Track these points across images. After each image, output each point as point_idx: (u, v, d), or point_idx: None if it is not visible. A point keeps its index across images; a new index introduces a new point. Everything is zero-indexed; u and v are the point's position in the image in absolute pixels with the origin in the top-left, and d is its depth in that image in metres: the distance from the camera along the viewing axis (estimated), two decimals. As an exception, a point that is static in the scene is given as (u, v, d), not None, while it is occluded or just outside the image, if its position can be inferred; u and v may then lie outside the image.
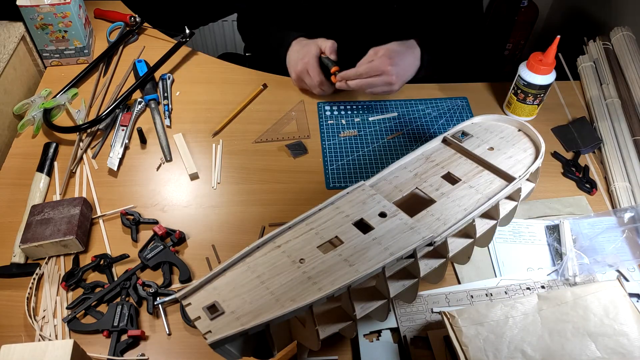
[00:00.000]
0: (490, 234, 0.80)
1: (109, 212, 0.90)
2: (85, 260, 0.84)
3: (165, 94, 1.11)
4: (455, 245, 0.75)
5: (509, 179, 0.77)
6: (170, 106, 1.09)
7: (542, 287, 0.80)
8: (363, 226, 0.69)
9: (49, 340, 0.74)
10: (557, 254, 0.84)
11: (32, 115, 1.04)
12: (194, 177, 0.96)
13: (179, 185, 0.96)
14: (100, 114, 1.05)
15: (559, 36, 0.95)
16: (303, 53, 1.03)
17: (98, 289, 0.80)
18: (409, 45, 1.01)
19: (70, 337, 0.75)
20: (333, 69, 1.01)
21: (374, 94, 1.05)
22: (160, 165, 0.99)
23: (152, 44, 1.25)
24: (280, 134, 1.04)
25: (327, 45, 1.01)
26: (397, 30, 1.09)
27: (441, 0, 1.05)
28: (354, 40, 1.11)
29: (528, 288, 0.80)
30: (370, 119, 1.07)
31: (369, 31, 1.09)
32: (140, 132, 1.01)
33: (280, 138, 1.03)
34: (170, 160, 1.00)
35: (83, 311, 0.77)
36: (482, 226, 0.76)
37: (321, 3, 1.06)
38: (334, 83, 1.02)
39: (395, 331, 0.75)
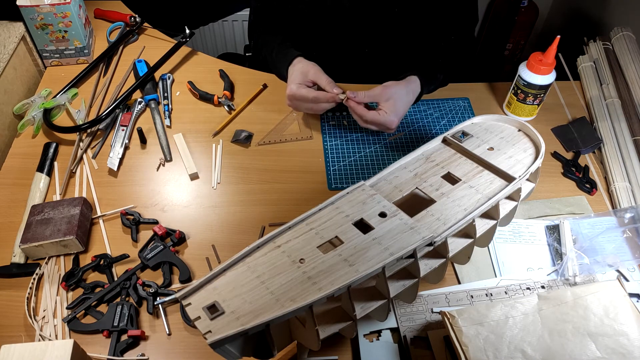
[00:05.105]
0: (490, 234, 0.80)
1: (109, 212, 0.90)
2: (85, 260, 0.84)
3: (165, 94, 1.11)
4: (455, 245, 0.75)
5: (509, 179, 0.77)
6: (170, 106, 1.09)
7: (542, 287, 0.80)
8: (363, 226, 0.69)
9: (49, 340, 0.74)
10: (557, 254, 0.84)
11: (32, 115, 1.04)
12: (194, 177, 0.96)
13: (179, 185, 0.96)
14: (100, 114, 1.05)
15: (559, 36, 0.95)
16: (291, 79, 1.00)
17: (98, 289, 0.80)
18: (411, 88, 0.98)
19: (70, 337, 0.75)
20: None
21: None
22: (160, 165, 0.99)
23: (152, 44, 1.25)
24: (283, 135, 1.04)
25: (310, 72, 0.98)
26: (397, 35, 1.09)
27: (439, 4, 1.05)
28: (355, 45, 1.11)
29: (528, 288, 0.80)
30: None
31: (369, 36, 1.09)
32: (140, 132, 1.01)
33: (282, 140, 1.03)
34: (170, 160, 1.00)
35: (83, 311, 0.77)
36: (482, 226, 0.76)
37: (322, 7, 1.06)
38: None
39: (395, 331, 0.75)
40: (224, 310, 0.60)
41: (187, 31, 1.21)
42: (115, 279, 0.81)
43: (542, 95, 1.01)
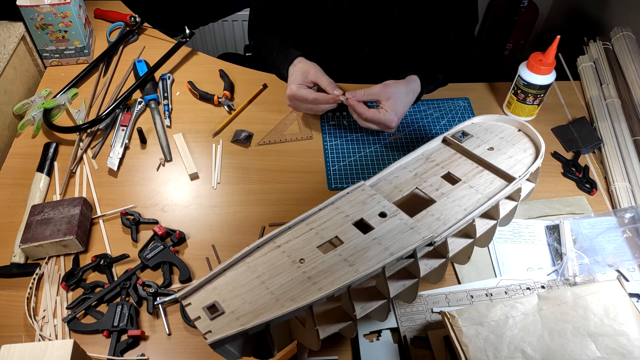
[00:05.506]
0: (490, 234, 0.80)
1: (109, 212, 0.90)
2: (85, 260, 0.84)
3: (165, 94, 1.11)
4: (455, 245, 0.75)
5: (509, 179, 0.77)
6: (170, 106, 1.09)
7: (542, 287, 0.80)
8: (363, 226, 0.69)
9: (49, 340, 0.74)
10: (557, 254, 0.84)
11: (32, 115, 1.04)
12: (194, 177, 0.96)
13: (179, 185, 0.96)
14: (100, 114, 1.05)
15: (559, 36, 0.95)
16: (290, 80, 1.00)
17: (98, 289, 0.80)
18: (412, 87, 0.98)
19: (70, 337, 0.75)
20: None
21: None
22: (160, 165, 0.99)
23: (152, 44, 1.25)
24: (283, 135, 1.04)
25: (311, 72, 0.98)
26: (397, 35, 1.09)
27: (440, 3, 1.05)
28: (355, 44, 1.11)
29: (528, 288, 0.80)
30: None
31: (369, 36, 1.09)
32: (140, 132, 1.01)
33: (282, 140, 1.03)
34: (170, 160, 1.00)
35: (83, 311, 0.77)
36: (482, 226, 0.76)
37: (322, 7, 1.06)
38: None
39: (395, 331, 0.75)
40: (224, 310, 0.60)
41: (187, 31, 1.21)
42: (115, 279, 0.81)
43: (542, 95, 1.01)
